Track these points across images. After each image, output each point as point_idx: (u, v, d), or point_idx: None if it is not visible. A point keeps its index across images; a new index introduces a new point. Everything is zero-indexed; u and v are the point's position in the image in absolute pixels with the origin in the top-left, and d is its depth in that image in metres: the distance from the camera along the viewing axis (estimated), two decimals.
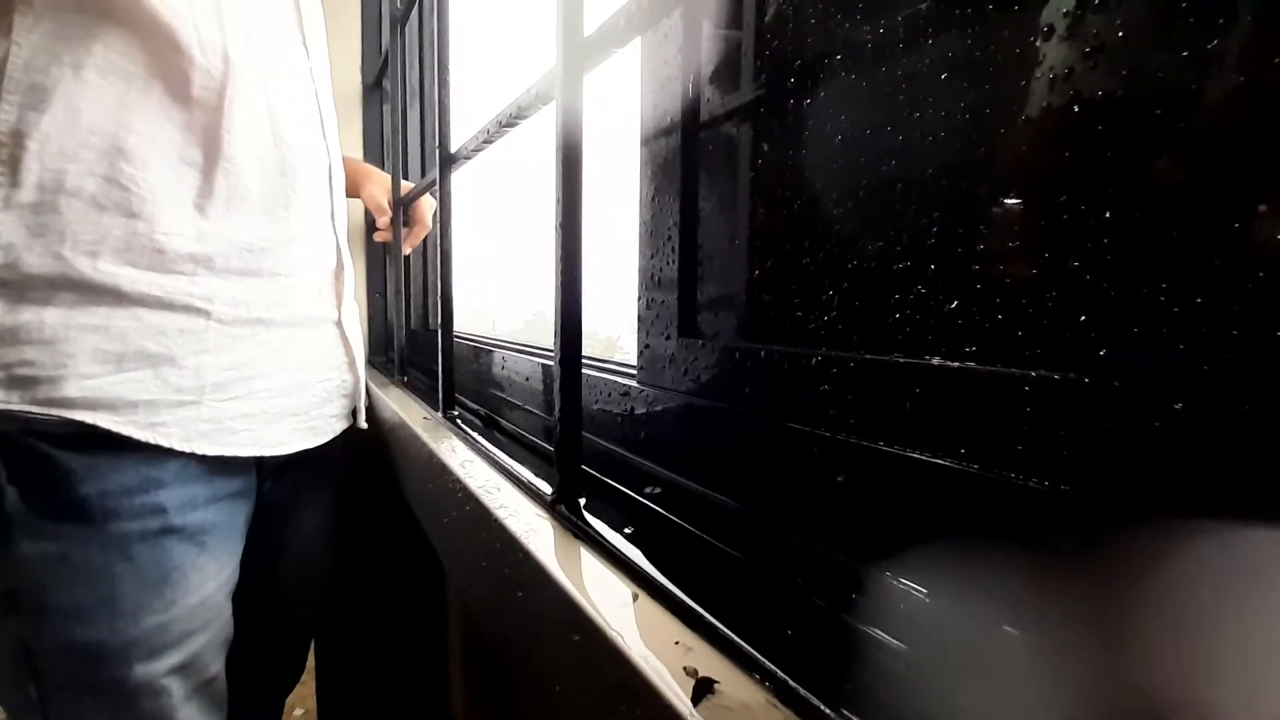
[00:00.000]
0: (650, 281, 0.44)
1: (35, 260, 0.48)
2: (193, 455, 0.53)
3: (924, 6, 0.26)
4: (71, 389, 0.48)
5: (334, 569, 0.80)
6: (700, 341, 0.39)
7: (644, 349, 0.45)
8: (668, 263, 0.42)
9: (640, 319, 0.46)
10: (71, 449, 0.49)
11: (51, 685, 0.50)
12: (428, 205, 0.97)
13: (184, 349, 0.52)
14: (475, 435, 0.53)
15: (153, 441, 0.51)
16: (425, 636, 0.99)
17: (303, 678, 0.83)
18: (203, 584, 0.55)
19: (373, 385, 0.82)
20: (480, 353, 0.79)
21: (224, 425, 0.55)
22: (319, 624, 0.84)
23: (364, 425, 0.73)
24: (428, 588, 0.94)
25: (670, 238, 0.42)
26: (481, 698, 0.82)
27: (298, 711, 1.42)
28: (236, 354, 0.56)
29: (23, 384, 0.48)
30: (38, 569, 0.49)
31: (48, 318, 0.48)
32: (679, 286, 0.41)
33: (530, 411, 0.62)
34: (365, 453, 0.77)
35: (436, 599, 0.94)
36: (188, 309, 0.53)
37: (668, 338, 0.42)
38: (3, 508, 0.48)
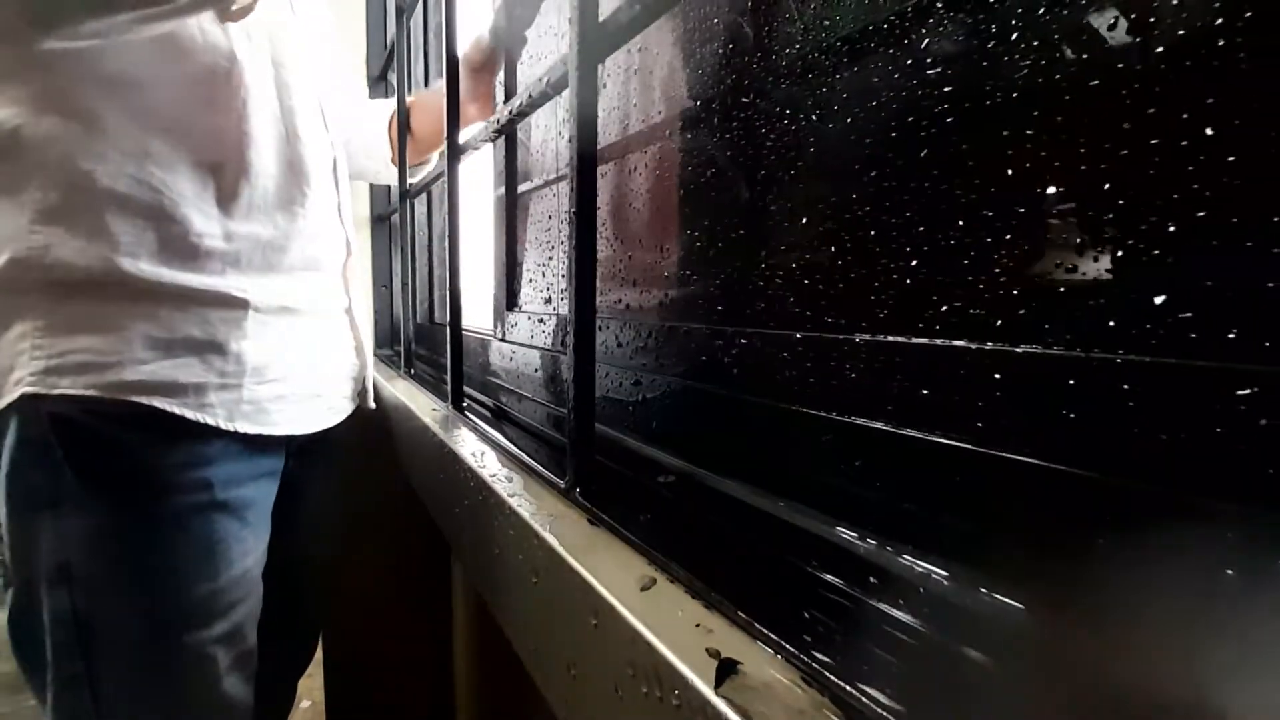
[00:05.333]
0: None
1: (77, 259, 0.50)
2: (235, 434, 0.56)
3: None
4: (129, 374, 0.51)
5: (340, 550, 0.81)
6: (685, 328, 0.40)
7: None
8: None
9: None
10: (130, 428, 0.52)
11: (101, 656, 0.52)
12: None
13: (226, 335, 0.55)
14: (485, 426, 0.53)
15: (202, 421, 0.54)
16: (432, 626, 0.99)
17: (309, 669, 0.83)
18: (244, 557, 0.58)
19: (379, 377, 0.82)
20: (487, 345, 0.79)
21: (261, 406, 0.58)
22: (327, 610, 0.85)
23: (372, 406, 0.75)
24: (434, 577, 0.94)
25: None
26: (491, 684, 0.82)
27: (304, 704, 1.42)
28: (270, 340, 0.58)
29: (82, 370, 0.50)
30: (93, 541, 0.51)
31: (100, 309, 0.51)
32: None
33: (538, 403, 0.62)
34: (371, 443, 0.77)
35: (442, 588, 0.94)
36: (228, 299, 0.55)
37: (659, 324, 0.42)
38: (59, 485, 0.50)
